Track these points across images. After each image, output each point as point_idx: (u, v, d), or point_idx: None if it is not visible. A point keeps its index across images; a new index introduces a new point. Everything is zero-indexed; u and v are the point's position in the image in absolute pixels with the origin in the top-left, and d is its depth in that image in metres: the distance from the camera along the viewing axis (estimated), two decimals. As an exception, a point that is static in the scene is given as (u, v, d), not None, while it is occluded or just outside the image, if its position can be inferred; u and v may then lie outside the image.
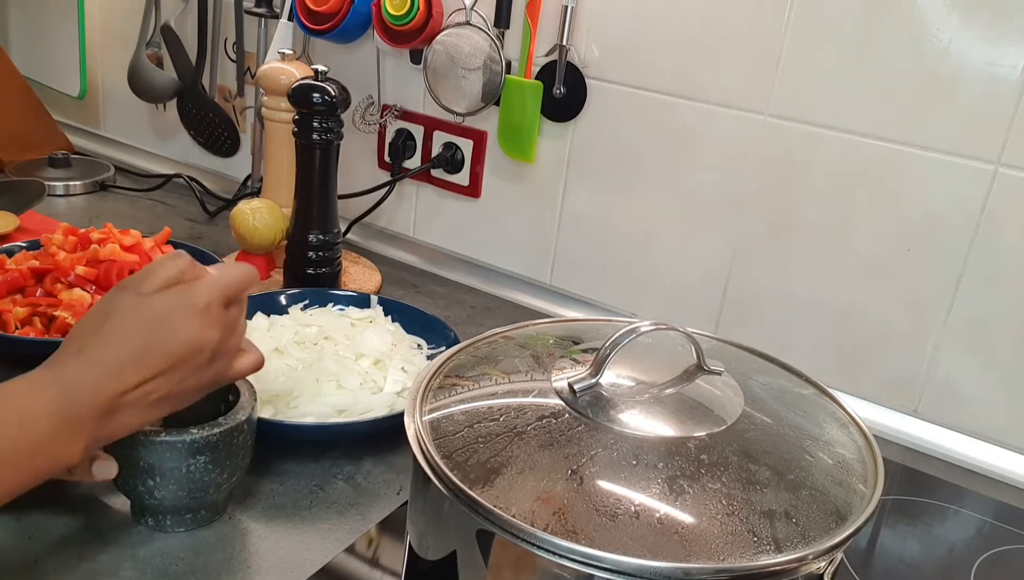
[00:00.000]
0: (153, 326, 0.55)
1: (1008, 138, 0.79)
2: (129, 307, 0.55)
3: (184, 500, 0.62)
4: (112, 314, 0.55)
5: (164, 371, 0.55)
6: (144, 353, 0.54)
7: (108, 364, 0.53)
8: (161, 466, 0.60)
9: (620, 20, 0.96)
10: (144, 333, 0.54)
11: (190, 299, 0.56)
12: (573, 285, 1.08)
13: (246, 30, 1.21)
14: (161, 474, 0.60)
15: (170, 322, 0.55)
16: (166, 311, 0.55)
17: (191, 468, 0.60)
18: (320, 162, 0.94)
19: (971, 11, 0.78)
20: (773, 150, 0.90)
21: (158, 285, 0.56)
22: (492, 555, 0.47)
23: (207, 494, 0.62)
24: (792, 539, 0.45)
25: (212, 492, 0.62)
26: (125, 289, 0.56)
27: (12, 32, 1.51)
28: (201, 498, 0.62)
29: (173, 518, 0.63)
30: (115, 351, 0.53)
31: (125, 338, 0.54)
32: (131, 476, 0.60)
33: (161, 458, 0.59)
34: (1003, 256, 0.81)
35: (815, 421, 0.56)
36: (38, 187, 1.19)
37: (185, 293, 0.57)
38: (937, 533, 0.75)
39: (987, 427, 0.86)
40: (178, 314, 0.56)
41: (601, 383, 0.53)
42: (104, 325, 0.54)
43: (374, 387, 0.78)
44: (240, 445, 0.63)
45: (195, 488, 0.61)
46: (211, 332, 0.57)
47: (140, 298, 0.55)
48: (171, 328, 0.55)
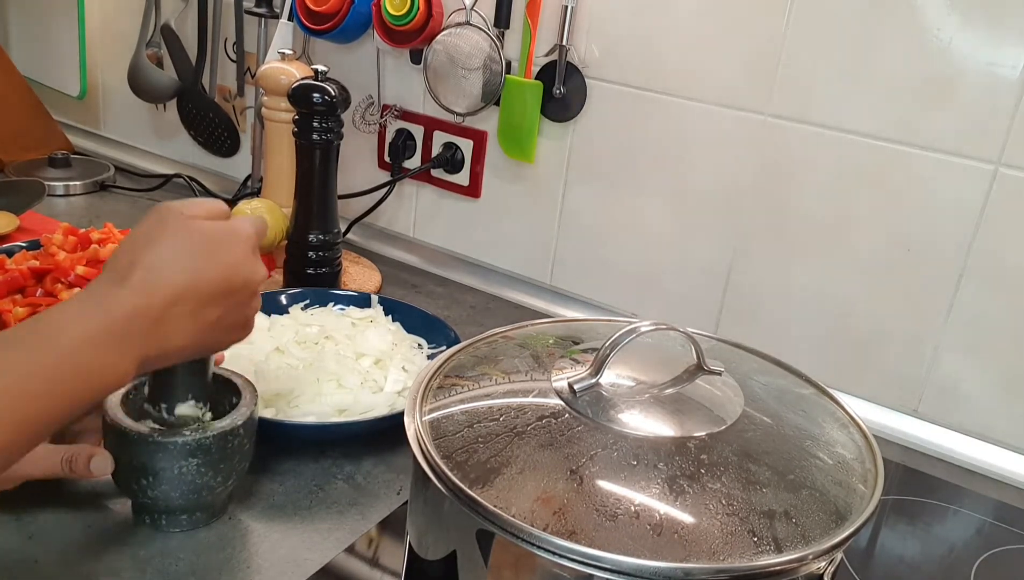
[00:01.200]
0: (210, 245, 0.54)
1: (1008, 138, 0.79)
2: (178, 230, 0.54)
3: (177, 501, 0.61)
4: (160, 236, 0.53)
5: (216, 296, 0.54)
6: (198, 275, 0.53)
7: (158, 285, 0.52)
8: (153, 466, 0.59)
9: (620, 20, 0.96)
10: (198, 255, 0.54)
11: (242, 232, 0.56)
12: (573, 285, 1.08)
13: (246, 30, 1.21)
14: (154, 474, 0.60)
15: (226, 245, 0.55)
16: (220, 237, 0.55)
17: (183, 470, 0.60)
18: (320, 162, 0.94)
19: (971, 11, 0.78)
20: (773, 150, 0.90)
21: (202, 214, 0.56)
22: (492, 555, 0.47)
23: (200, 496, 0.62)
24: (792, 539, 0.45)
25: (206, 495, 0.62)
26: (170, 211, 0.55)
27: (12, 32, 1.51)
28: (195, 500, 0.62)
29: (168, 518, 0.63)
30: (166, 272, 0.52)
31: (179, 259, 0.53)
32: (126, 474, 0.60)
33: (153, 458, 0.59)
34: (1003, 256, 0.81)
35: (815, 421, 0.56)
36: (38, 187, 1.19)
37: (236, 226, 0.57)
38: (937, 533, 0.75)
39: (987, 427, 0.86)
40: (232, 243, 0.55)
41: (601, 383, 0.53)
42: (151, 247, 0.53)
43: (375, 386, 0.79)
44: (236, 449, 0.62)
45: (188, 490, 0.61)
46: (261, 267, 0.58)
47: (190, 222, 0.54)
48: (228, 251, 0.55)
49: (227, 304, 0.55)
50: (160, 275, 0.52)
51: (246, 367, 0.77)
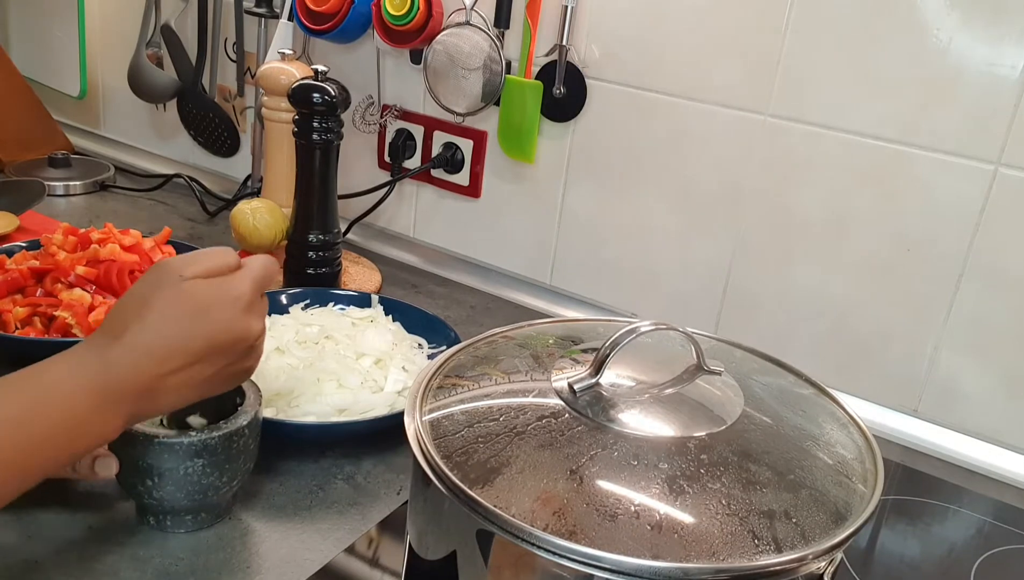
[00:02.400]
0: (195, 314, 0.55)
1: (1008, 138, 0.79)
2: (171, 293, 0.55)
3: (182, 502, 0.61)
4: (153, 299, 0.54)
5: (205, 358, 0.55)
6: (186, 340, 0.54)
7: (150, 348, 0.53)
8: (159, 467, 0.60)
9: (620, 20, 0.96)
10: (187, 320, 0.54)
11: (236, 292, 0.57)
12: (573, 285, 1.08)
13: (246, 30, 1.21)
14: (159, 474, 0.60)
15: (214, 312, 0.55)
16: (210, 301, 0.55)
17: (189, 470, 0.60)
18: (320, 162, 0.94)
19: (971, 11, 0.78)
20: (773, 150, 0.90)
21: (200, 273, 0.56)
22: (492, 555, 0.47)
23: (206, 497, 0.62)
24: (792, 539, 0.45)
25: (211, 495, 0.62)
26: (167, 272, 0.56)
27: (12, 32, 1.51)
28: (200, 500, 0.62)
29: (173, 519, 0.63)
30: (157, 336, 0.53)
31: (166, 325, 0.54)
32: (131, 475, 0.60)
33: (159, 459, 0.59)
34: (1003, 256, 0.81)
35: (815, 421, 0.56)
36: (38, 187, 1.19)
37: (229, 284, 0.57)
38: (937, 533, 0.76)
39: (987, 427, 0.86)
40: (222, 305, 0.56)
41: (601, 383, 0.53)
42: (145, 308, 0.54)
43: (375, 386, 0.79)
44: (241, 449, 0.63)
45: (193, 490, 0.61)
46: (258, 323, 0.58)
47: (182, 284, 0.55)
48: (214, 318, 0.55)
49: (219, 362, 0.56)
50: (149, 337, 0.53)
51: (246, 367, 0.77)
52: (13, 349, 0.80)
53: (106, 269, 0.85)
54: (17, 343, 0.79)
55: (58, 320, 0.80)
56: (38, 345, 0.79)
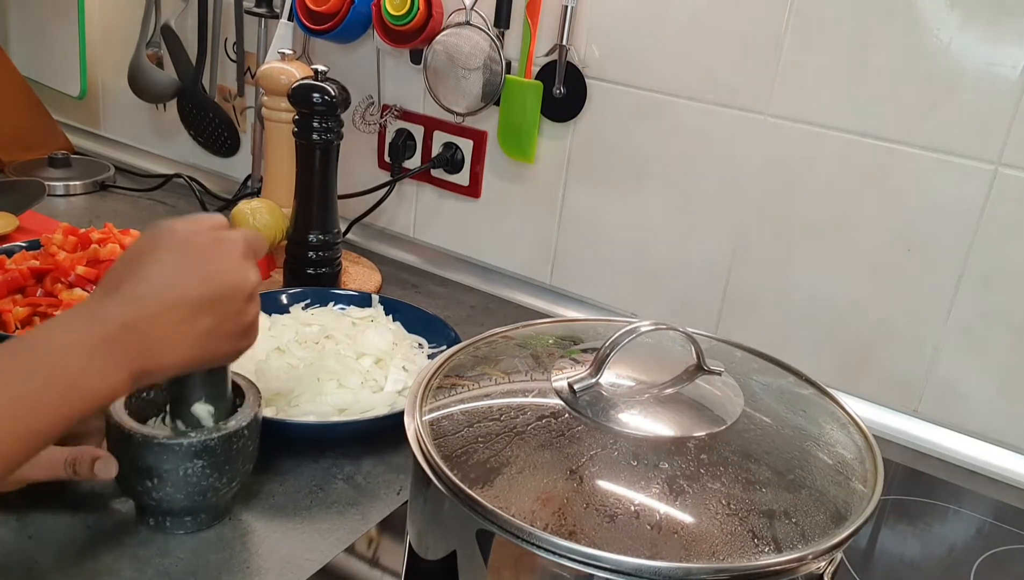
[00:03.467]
0: (195, 261, 0.54)
1: (1008, 138, 0.79)
2: (168, 243, 0.54)
3: (182, 503, 0.61)
4: (150, 250, 0.54)
5: (206, 306, 0.54)
6: (186, 286, 0.53)
7: (147, 298, 0.52)
8: (158, 467, 0.60)
9: (620, 20, 0.96)
10: (186, 267, 0.54)
11: (231, 241, 0.57)
12: (573, 285, 1.08)
13: (246, 30, 1.21)
14: (159, 475, 0.60)
15: (213, 254, 0.55)
16: (208, 248, 0.55)
17: (188, 471, 0.60)
18: (320, 162, 0.94)
19: (971, 11, 0.78)
20: (773, 150, 0.90)
21: (194, 228, 0.56)
22: (492, 555, 0.47)
23: (205, 498, 0.62)
24: (792, 539, 0.45)
25: (211, 496, 0.62)
26: (162, 229, 0.55)
27: (12, 32, 1.51)
28: (200, 501, 0.62)
29: (172, 519, 0.63)
30: (155, 285, 0.53)
31: (165, 272, 0.53)
32: (130, 476, 0.60)
33: (158, 459, 0.59)
34: (1003, 256, 0.81)
35: (815, 421, 0.56)
36: (38, 187, 1.19)
37: (222, 237, 0.57)
38: (937, 533, 0.76)
39: (987, 427, 0.86)
40: (221, 249, 0.56)
41: (601, 383, 0.53)
42: (142, 262, 0.54)
43: (375, 386, 0.79)
44: (240, 450, 0.63)
45: (193, 491, 0.61)
46: (254, 272, 0.58)
47: (179, 235, 0.55)
48: (215, 260, 0.55)
49: (219, 312, 0.55)
50: (147, 288, 0.53)
51: (247, 366, 0.77)
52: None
53: (106, 269, 0.85)
54: (17, 343, 0.79)
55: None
56: (38, 345, 0.79)
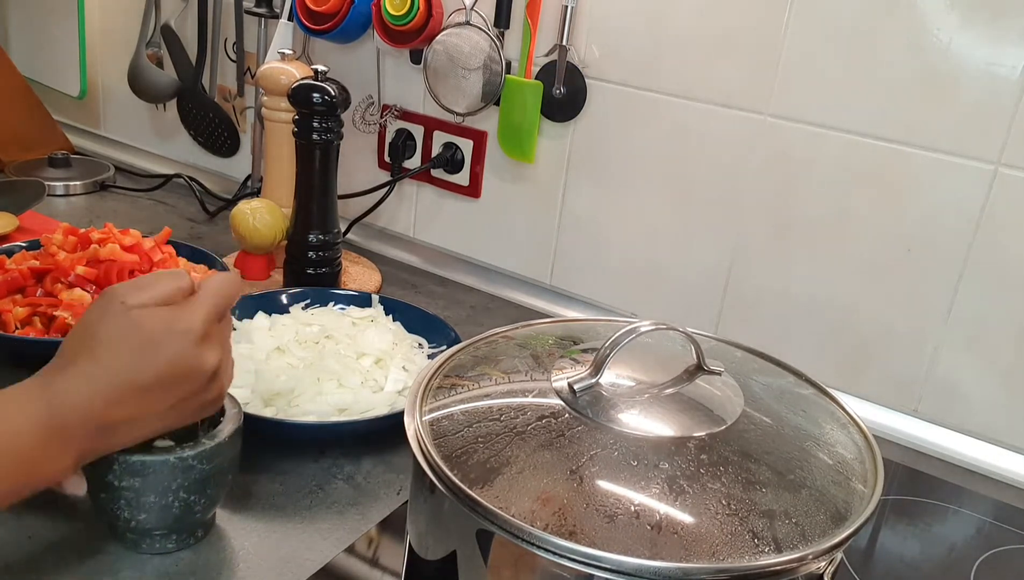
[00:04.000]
0: (143, 345, 0.52)
1: (1008, 138, 0.79)
2: (118, 322, 0.52)
3: (152, 523, 0.59)
4: (100, 327, 0.52)
5: (157, 392, 0.52)
6: (135, 372, 0.51)
7: (97, 381, 0.51)
8: (130, 487, 0.57)
9: (620, 20, 0.96)
10: (133, 351, 0.51)
11: (185, 324, 0.53)
12: (573, 285, 1.08)
13: (246, 30, 1.21)
14: (131, 496, 0.57)
15: (162, 344, 0.52)
16: (158, 332, 0.52)
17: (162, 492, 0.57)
18: (320, 162, 0.94)
19: (971, 11, 0.78)
20: (773, 150, 0.90)
21: (148, 301, 0.53)
22: (492, 555, 0.47)
23: (181, 518, 0.59)
24: (792, 539, 0.45)
25: (187, 517, 0.59)
26: (113, 299, 0.52)
27: (12, 32, 1.51)
28: (173, 523, 0.59)
29: (146, 540, 0.61)
30: (105, 367, 0.51)
31: (114, 355, 0.51)
32: (101, 495, 0.58)
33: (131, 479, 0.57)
34: (1003, 256, 0.81)
35: (815, 421, 0.56)
36: (38, 187, 1.19)
37: (179, 315, 0.53)
38: (937, 533, 0.75)
39: (987, 427, 0.86)
40: (172, 337, 0.52)
41: (601, 383, 0.53)
42: (92, 339, 0.52)
43: (375, 386, 0.79)
44: (219, 468, 0.60)
45: (166, 512, 0.58)
46: (212, 355, 0.54)
47: (130, 312, 0.52)
48: (163, 350, 0.52)
49: (175, 395, 0.53)
50: (97, 369, 0.51)
51: (247, 367, 0.77)
52: (13, 349, 0.80)
53: (106, 269, 0.85)
54: (17, 343, 0.79)
55: (58, 320, 0.80)
56: (38, 345, 0.79)
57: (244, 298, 0.90)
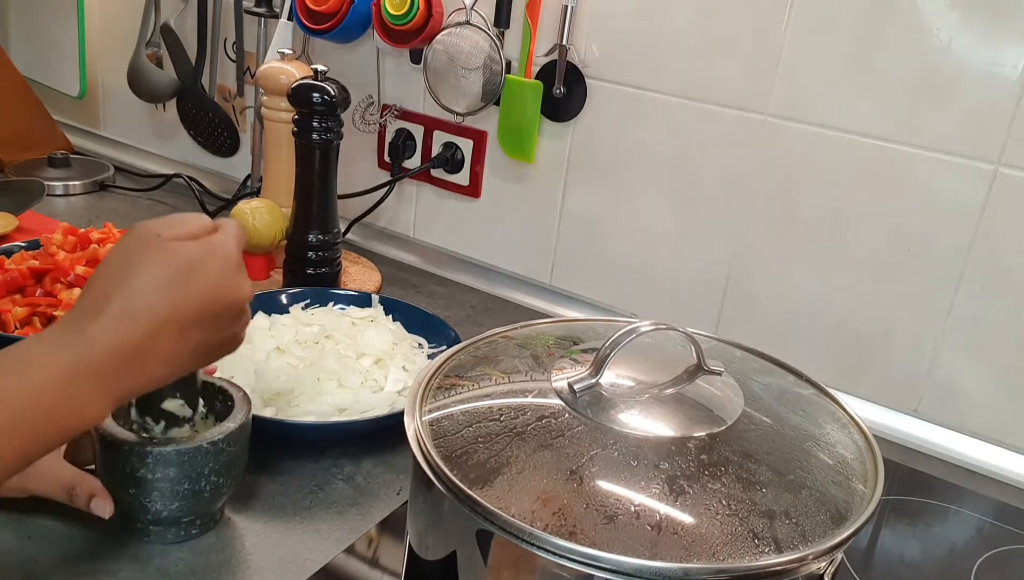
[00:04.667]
0: (188, 274, 0.51)
1: (1008, 138, 0.79)
2: (156, 254, 0.51)
3: (166, 511, 0.59)
4: (138, 262, 0.50)
5: (199, 322, 0.52)
6: (179, 302, 0.50)
7: (136, 315, 0.49)
8: (143, 475, 0.57)
9: (620, 20, 0.96)
10: (178, 281, 0.51)
11: (224, 252, 0.53)
12: (573, 285, 1.08)
13: (246, 30, 1.21)
14: (143, 483, 0.58)
15: (206, 270, 0.52)
16: (199, 259, 0.52)
17: (174, 479, 0.58)
18: (320, 162, 0.94)
19: (971, 11, 0.78)
20: (773, 150, 0.90)
21: (182, 234, 0.52)
22: (492, 555, 0.47)
23: (192, 506, 0.60)
24: (792, 539, 0.45)
25: (198, 504, 0.60)
26: (147, 234, 0.51)
27: (12, 32, 1.51)
28: (185, 509, 0.60)
29: (157, 528, 0.61)
30: (145, 300, 0.49)
31: (156, 289, 0.50)
32: (115, 484, 0.59)
33: (143, 467, 0.57)
34: (1003, 256, 0.81)
35: (815, 421, 0.56)
36: (38, 187, 1.19)
37: (216, 245, 0.53)
38: (937, 533, 0.75)
39: (987, 427, 0.86)
40: (213, 264, 0.52)
41: (601, 383, 0.53)
42: (127, 274, 0.50)
43: (375, 386, 0.79)
44: (230, 457, 0.60)
45: (178, 500, 0.59)
46: (248, 285, 0.55)
47: (167, 244, 0.51)
48: (210, 277, 0.52)
49: (209, 328, 0.53)
50: (137, 307, 0.49)
51: (247, 367, 0.77)
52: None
53: (106, 269, 0.85)
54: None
55: (58, 320, 0.80)
56: (38, 345, 0.79)
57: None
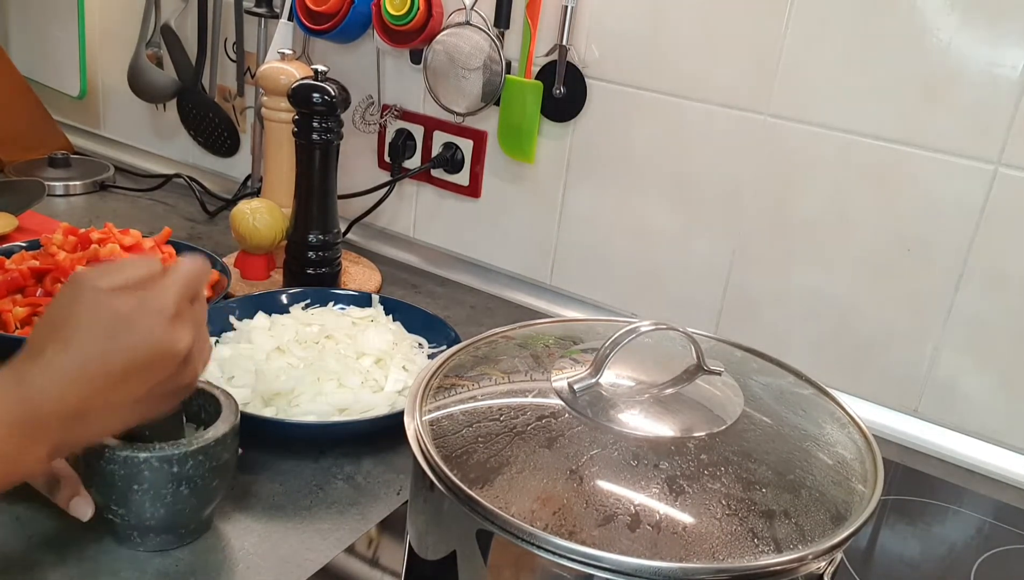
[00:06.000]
0: (117, 328, 0.50)
1: (1008, 138, 0.79)
2: (88, 305, 0.50)
3: (150, 521, 0.59)
4: (70, 312, 0.50)
5: (132, 375, 0.51)
6: (107, 356, 0.50)
7: (69, 369, 0.49)
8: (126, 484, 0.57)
9: (620, 20, 0.96)
10: (105, 334, 0.50)
11: (157, 304, 0.51)
12: (573, 285, 1.08)
13: (246, 30, 1.21)
14: (126, 492, 0.57)
15: (137, 325, 0.50)
16: (129, 312, 0.50)
17: (158, 488, 0.57)
18: (320, 162, 0.94)
19: (971, 11, 0.78)
20: (773, 150, 0.90)
21: (119, 283, 0.51)
22: (492, 555, 0.47)
23: (178, 516, 0.59)
24: (792, 539, 0.45)
25: (184, 514, 0.60)
26: (83, 283, 0.51)
27: (12, 32, 1.51)
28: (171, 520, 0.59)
29: (143, 538, 0.61)
30: (76, 354, 0.49)
31: (85, 339, 0.50)
32: (99, 493, 0.58)
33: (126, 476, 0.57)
34: (1003, 256, 0.81)
35: (815, 421, 0.56)
36: (38, 187, 1.19)
37: (150, 297, 0.52)
38: (937, 533, 0.75)
39: (987, 427, 0.86)
40: (144, 317, 0.51)
41: (601, 383, 0.53)
42: (62, 325, 0.50)
43: (375, 386, 0.79)
44: (215, 467, 0.60)
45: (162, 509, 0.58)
46: (185, 335, 0.52)
47: (100, 295, 0.50)
48: (136, 331, 0.50)
49: (149, 379, 0.52)
50: (66, 358, 0.49)
51: (247, 367, 0.77)
52: (13, 349, 0.79)
53: (106, 269, 0.85)
54: (17, 343, 0.79)
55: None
56: (38, 345, 0.79)
57: (244, 298, 0.90)
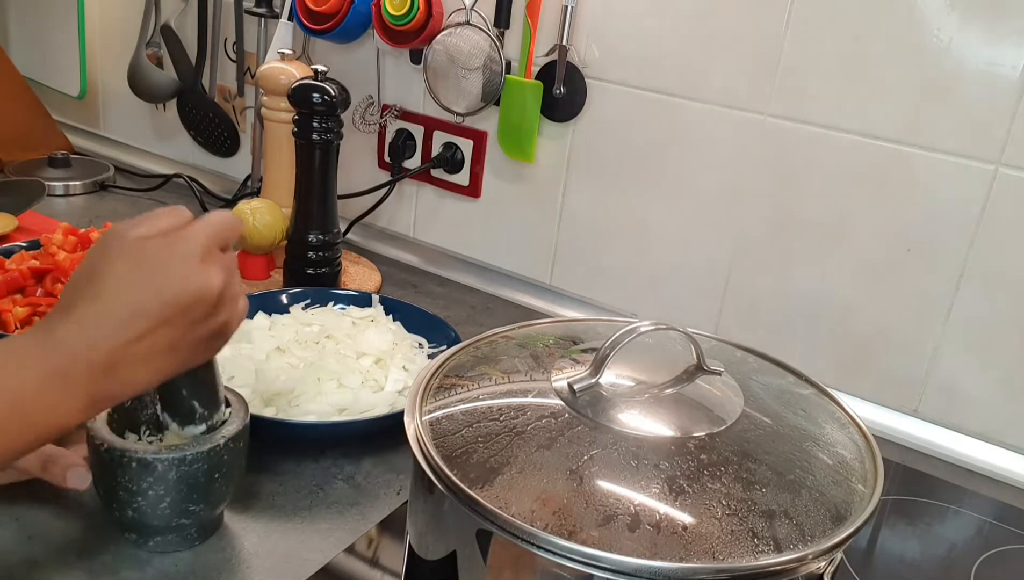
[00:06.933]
0: (148, 272, 0.50)
1: (1008, 138, 0.79)
2: (119, 253, 0.50)
3: (157, 521, 0.59)
4: (101, 263, 0.50)
5: (165, 320, 0.50)
6: (140, 301, 0.50)
7: (101, 317, 0.49)
8: (135, 484, 0.57)
9: (620, 20, 0.96)
10: (138, 280, 0.50)
11: (188, 245, 0.51)
12: (573, 285, 1.08)
13: (246, 30, 1.21)
14: (134, 493, 0.57)
15: (167, 267, 0.51)
16: (161, 256, 0.51)
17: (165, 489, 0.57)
18: (320, 162, 0.94)
19: (971, 11, 0.78)
20: (773, 150, 0.90)
21: (148, 232, 0.51)
22: (492, 555, 0.47)
23: (185, 516, 0.59)
24: (792, 539, 0.45)
25: (192, 514, 0.60)
26: (113, 235, 0.51)
27: (12, 32, 1.51)
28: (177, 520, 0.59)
29: (151, 539, 0.61)
30: (108, 302, 0.49)
31: (117, 287, 0.49)
32: (106, 491, 0.59)
33: (134, 476, 0.57)
34: (1003, 256, 0.81)
35: (815, 421, 0.56)
36: (38, 187, 1.19)
37: (180, 239, 0.52)
38: (937, 533, 0.76)
39: (987, 427, 0.86)
40: (175, 259, 0.51)
41: (601, 383, 0.53)
42: (93, 277, 0.50)
43: (375, 386, 0.79)
44: (226, 466, 0.60)
45: (170, 510, 0.58)
46: (216, 276, 0.52)
47: (130, 243, 0.51)
48: (168, 273, 0.50)
49: (182, 324, 0.51)
50: (100, 306, 0.49)
51: (247, 367, 0.77)
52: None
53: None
54: (17, 343, 0.79)
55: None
56: (38, 345, 0.79)
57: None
